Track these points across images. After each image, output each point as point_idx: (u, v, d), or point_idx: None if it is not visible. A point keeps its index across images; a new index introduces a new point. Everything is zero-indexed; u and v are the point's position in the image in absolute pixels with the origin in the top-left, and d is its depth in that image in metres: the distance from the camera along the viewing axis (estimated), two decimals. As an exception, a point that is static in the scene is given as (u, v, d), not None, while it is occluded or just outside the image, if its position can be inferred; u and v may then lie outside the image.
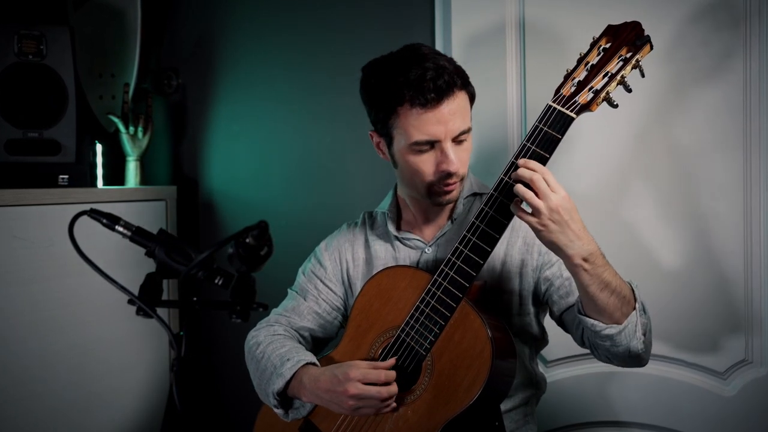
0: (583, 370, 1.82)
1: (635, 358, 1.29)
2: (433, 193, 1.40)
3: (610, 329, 1.24)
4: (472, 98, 1.40)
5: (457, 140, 1.36)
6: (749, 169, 1.64)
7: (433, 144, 1.35)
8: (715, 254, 1.68)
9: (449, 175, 1.36)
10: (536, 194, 1.19)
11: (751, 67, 1.61)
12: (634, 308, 1.26)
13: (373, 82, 1.40)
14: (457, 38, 1.87)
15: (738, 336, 1.68)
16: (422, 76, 1.31)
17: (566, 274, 1.37)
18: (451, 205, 1.49)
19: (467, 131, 1.37)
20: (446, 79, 1.32)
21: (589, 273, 1.20)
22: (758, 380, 1.67)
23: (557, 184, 1.20)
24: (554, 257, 1.40)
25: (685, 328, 1.71)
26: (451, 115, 1.33)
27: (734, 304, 1.68)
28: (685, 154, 1.70)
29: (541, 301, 1.44)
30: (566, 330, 1.43)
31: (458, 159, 1.35)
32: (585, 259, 1.20)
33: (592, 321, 1.25)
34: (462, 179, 1.41)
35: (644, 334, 1.27)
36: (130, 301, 0.92)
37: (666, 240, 1.72)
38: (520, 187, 1.20)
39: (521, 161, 1.23)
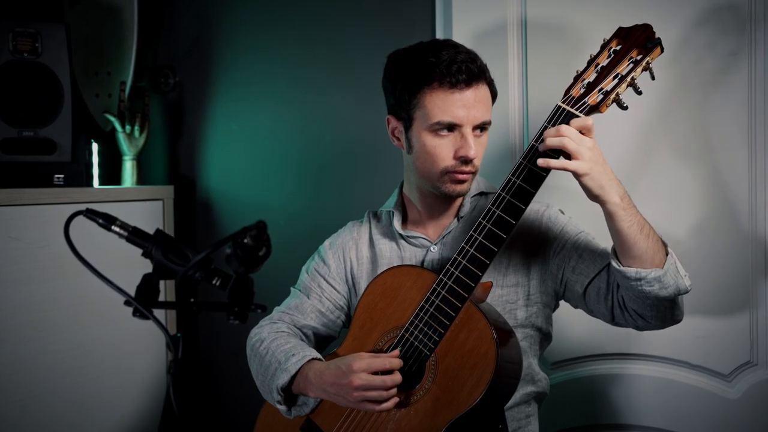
0: (586, 372, 1.81)
1: (677, 307, 1.28)
2: (446, 181, 1.39)
3: (656, 271, 1.21)
4: (494, 97, 1.43)
5: (477, 130, 1.38)
6: (755, 170, 1.63)
7: (453, 128, 1.36)
8: (719, 255, 1.67)
9: (466, 161, 1.37)
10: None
11: (756, 68, 1.61)
12: (668, 252, 1.25)
13: (402, 64, 1.41)
14: (458, 37, 1.85)
15: (743, 337, 1.67)
16: (454, 58, 1.34)
17: (579, 251, 1.38)
18: (457, 203, 1.49)
19: (488, 124, 1.40)
20: (478, 65, 1.36)
21: (628, 213, 1.21)
22: (763, 382, 1.66)
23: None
24: (563, 239, 1.41)
25: (689, 329, 1.70)
26: (476, 101, 1.35)
27: (739, 306, 1.67)
28: (690, 155, 1.69)
29: (557, 288, 1.43)
30: (592, 311, 1.39)
31: (476, 149, 1.36)
32: (621, 198, 1.21)
33: (635, 269, 1.22)
34: (475, 173, 1.42)
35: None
36: (127, 303, 0.90)
37: (671, 240, 1.70)
38: (553, 138, 1.20)
39: (548, 131, 1.23)
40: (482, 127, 1.39)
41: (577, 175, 1.20)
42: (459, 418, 1.24)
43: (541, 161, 1.22)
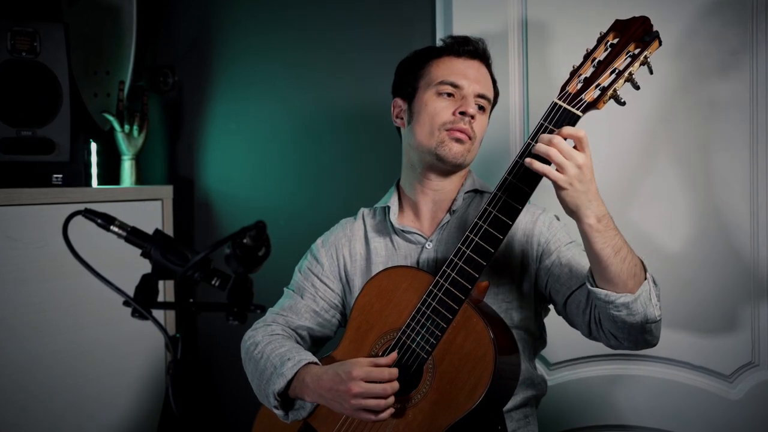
0: (586, 372, 1.80)
1: (650, 333, 1.27)
2: (444, 139, 1.41)
3: (625, 297, 1.21)
4: (495, 96, 1.51)
5: (477, 102, 1.43)
6: (756, 167, 1.62)
7: (456, 90, 1.42)
8: (721, 255, 1.67)
9: (464, 116, 1.40)
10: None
11: (758, 64, 1.60)
12: (645, 278, 1.24)
13: (412, 57, 1.52)
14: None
15: (744, 338, 1.66)
16: (463, 36, 1.48)
17: (564, 260, 1.37)
18: (450, 196, 1.49)
19: (489, 100, 1.47)
20: (483, 47, 1.48)
21: (603, 235, 1.20)
22: (765, 383, 1.65)
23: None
24: (552, 246, 1.40)
25: (690, 330, 1.70)
26: (479, 74, 1.45)
27: (740, 306, 1.66)
28: (691, 152, 1.68)
29: (543, 293, 1.43)
30: (572, 322, 1.40)
31: (475, 112, 1.41)
32: (599, 220, 1.20)
33: (606, 291, 1.22)
34: (472, 141, 1.43)
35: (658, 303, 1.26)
36: (126, 303, 0.90)
37: (672, 240, 1.70)
38: (541, 146, 1.19)
39: (541, 137, 1.21)
40: (482, 102, 1.44)
41: (555, 186, 1.20)
42: (458, 421, 1.23)
43: (527, 160, 1.21)
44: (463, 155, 1.42)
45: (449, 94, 1.42)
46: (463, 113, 1.40)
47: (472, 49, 1.45)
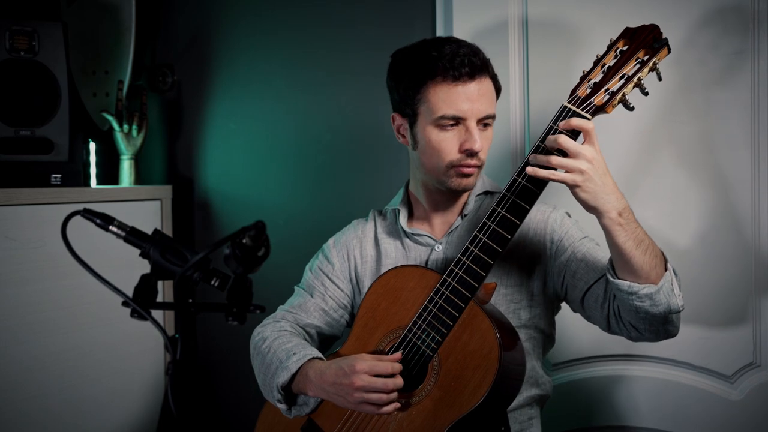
0: (588, 373, 1.80)
1: (671, 323, 1.27)
2: (452, 176, 1.39)
3: (649, 288, 1.21)
4: (498, 91, 1.43)
5: (481, 124, 1.38)
6: (757, 170, 1.62)
7: (458, 121, 1.36)
8: (722, 256, 1.66)
9: (471, 154, 1.37)
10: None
11: (759, 68, 1.61)
12: (666, 269, 1.24)
13: (405, 61, 1.42)
14: (458, 36, 1.84)
15: (745, 339, 1.66)
16: (456, 51, 1.35)
17: (580, 255, 1.37)
18: (461, 201, 1.49)
19: (492, 117, 1.40)
20: (481, 59, 1.37)
21: (625, 228, 1.20)
22: (766, 384, 1.65)
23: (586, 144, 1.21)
24: (566, 242, 1.40)
25: (692, 331, 1.69)
26: (480, 95, 1.36)
27: (742, 307, 1.66)
28: (693, 155, 1.68)
29: (558, 291, 1.42)
30: (589, 317, 1.39)
31: (481, 143, 1.36)
32: (620, 214, 1.20)
33: (628, 283, 1.22)
34: (481, 167, 1.41)
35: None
36: (125, 303, 0.90)
37: (673, 241, 1.70)
38: (540, 157, 1.21)
39: (548, 138, 1.23)
40: (486, 121, 1.39)
41: (569, 187, 1.20)
42: (461, 420, 1.24)
43: (528, 169, 1.22)
44: (472, 184, 1.43)
45: (452, 125, 1.37)
46: (469, 152, 1.36)
47: (469, 70, 1.34)
